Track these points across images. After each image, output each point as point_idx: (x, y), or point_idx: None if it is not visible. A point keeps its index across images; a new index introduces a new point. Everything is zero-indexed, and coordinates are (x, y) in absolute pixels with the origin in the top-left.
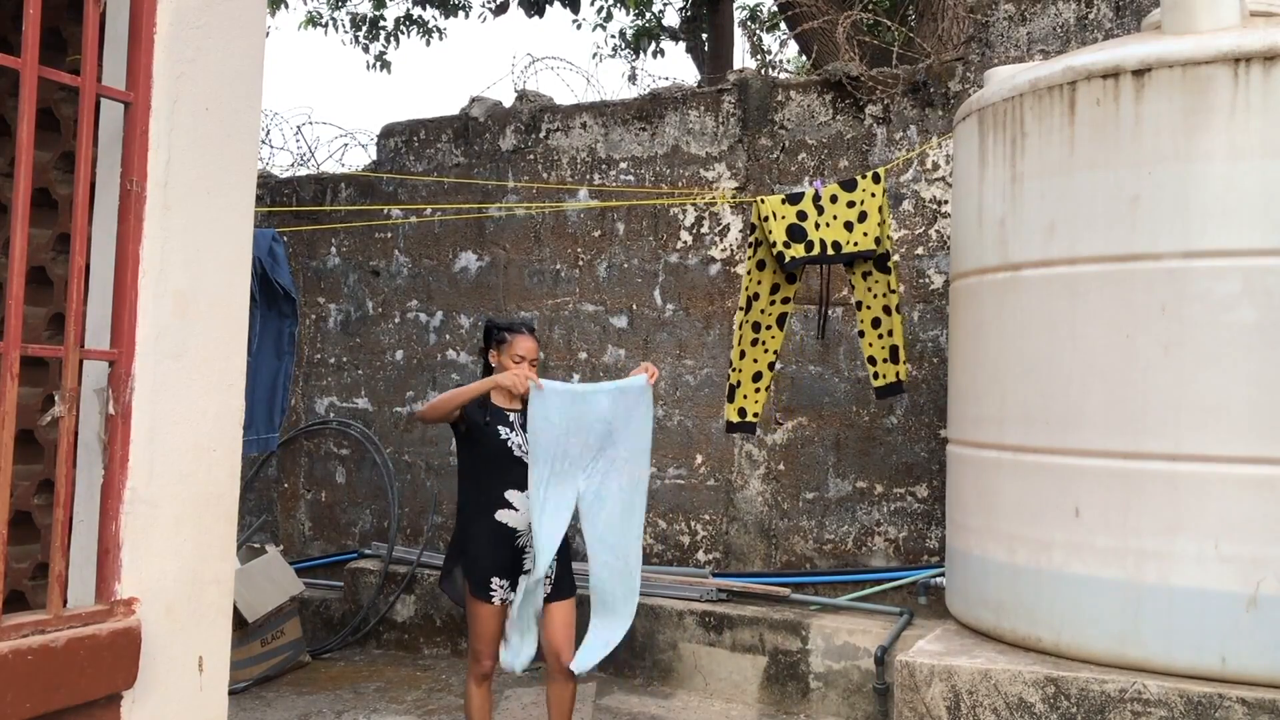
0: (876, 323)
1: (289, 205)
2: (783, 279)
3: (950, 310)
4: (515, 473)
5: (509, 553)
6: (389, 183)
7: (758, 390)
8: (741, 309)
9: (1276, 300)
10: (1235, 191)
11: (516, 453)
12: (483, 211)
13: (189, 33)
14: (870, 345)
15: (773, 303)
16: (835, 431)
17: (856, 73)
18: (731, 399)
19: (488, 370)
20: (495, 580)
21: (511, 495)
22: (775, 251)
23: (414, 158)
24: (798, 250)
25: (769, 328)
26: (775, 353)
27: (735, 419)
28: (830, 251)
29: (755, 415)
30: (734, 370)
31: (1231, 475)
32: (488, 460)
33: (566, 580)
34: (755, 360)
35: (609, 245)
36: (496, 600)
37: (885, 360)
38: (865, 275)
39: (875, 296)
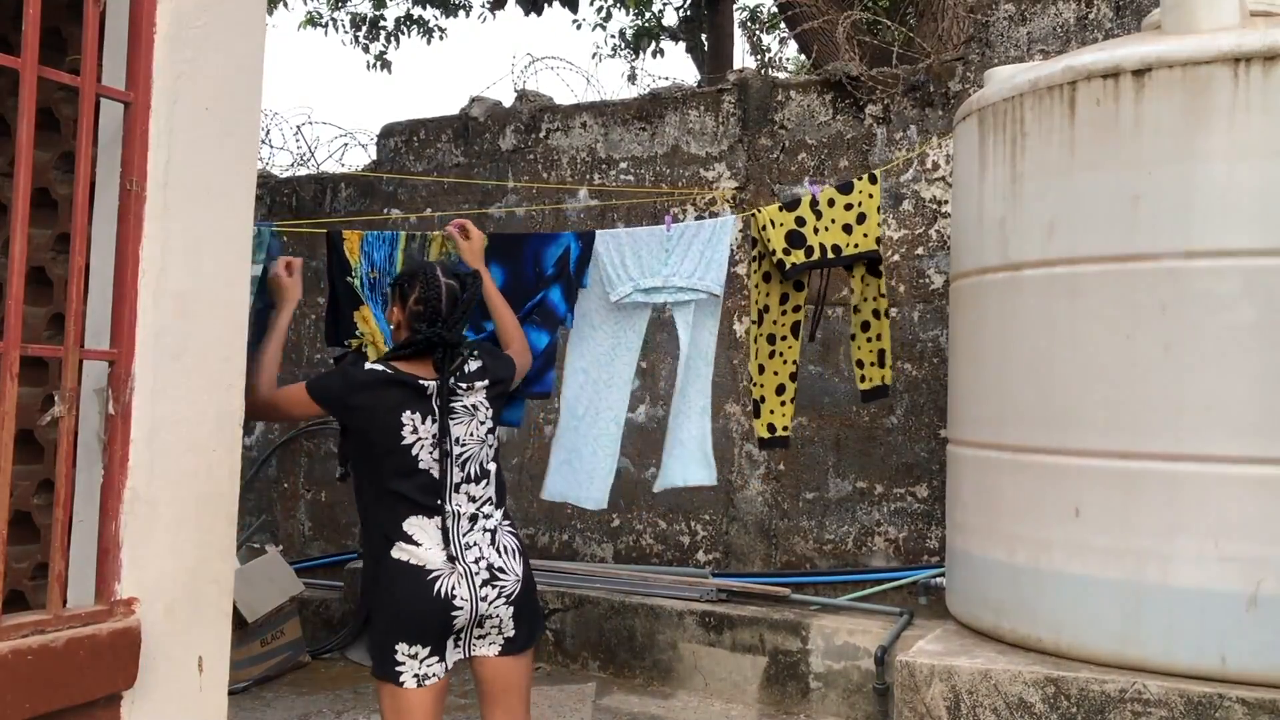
0: (866, 326)
1: (289, 205)
2: (791, 288)
3: (950, 310)
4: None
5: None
6: (389, 183)
7: (784, 403)
8: (754, 322)
9: (1276, 300)
10: (1235, 191)
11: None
12: (483, 208)
13: (189, 33)
14: (859, 348)
15: (784, 312)
16: (835, 431)
17: (856, 73)
18: (758, 414)
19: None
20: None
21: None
22: (776, 260)
23: (414, 158)
24: (798, 256)
25: (784, 338)
26: (795, 362)
27: (765, 434)
28: (830, 255)
29: (785, 429)
30: (755, 385)
31: (1231, 475)
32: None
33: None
34: (775, 373)
35: None
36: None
37: (873, 364)
38: (863, 277)
39: (867, 300)
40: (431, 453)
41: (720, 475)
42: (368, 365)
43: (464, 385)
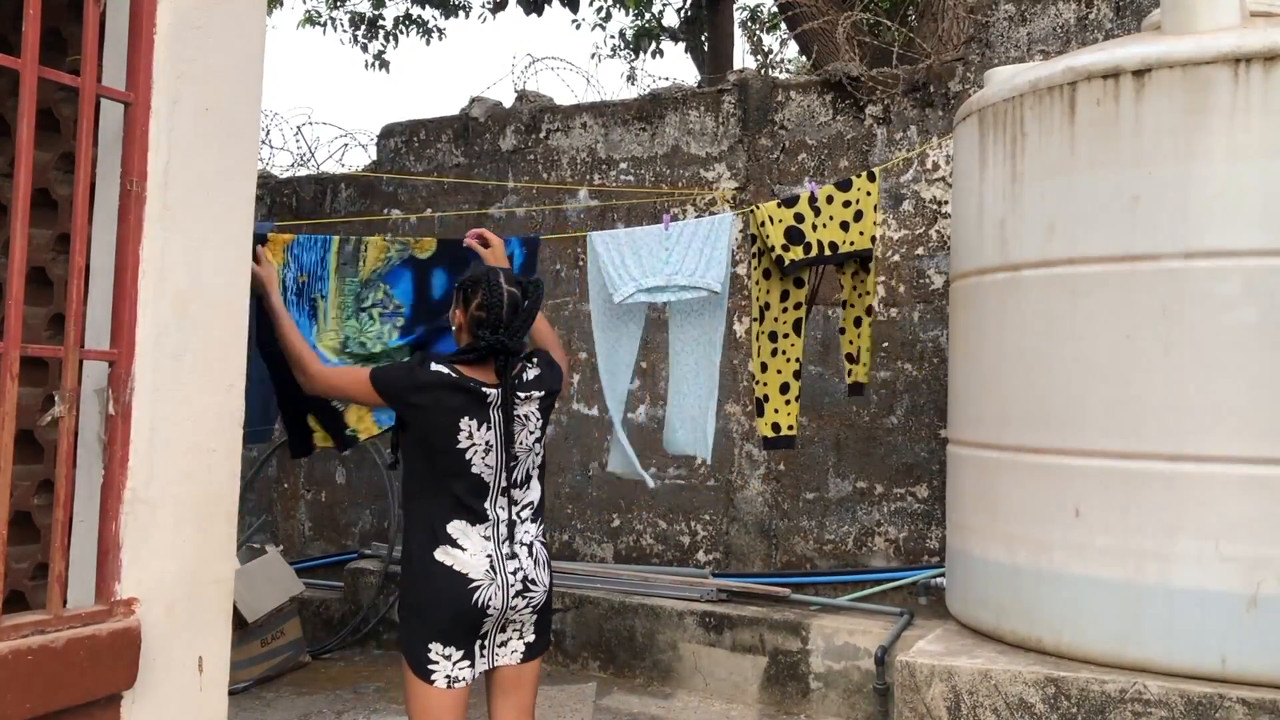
0: (858, 322)
1: (289, 205)
2: (791, 285)
3: (950, 310)
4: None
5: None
6: (389, 183)
7: (788, 402)
8: (755, 319)
9: (1276, 300)
10: (1235, 191)
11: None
12: (483, 209)
13: (189, 33)
14: (850, 343)
15: (785, 310)
16: (835, 431)
17: (856, 73)
18: (761, 413)
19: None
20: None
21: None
22: (775, 256)
23: (414, 158)
24: (796, 253)
25: (786, 336)
26: (798, 360)
27: (770, 434)
28: (828, 252)
29: (791, 429)
30: (758, 384)
31: (1231, 475)
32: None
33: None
34: (779, 371)
35: None
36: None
37: (857, 360)
38: (854, 275)
39: (860, 296)
40: (484, 458)
41: (720, 475)
42: (432, 366)
43: (521, 394)
